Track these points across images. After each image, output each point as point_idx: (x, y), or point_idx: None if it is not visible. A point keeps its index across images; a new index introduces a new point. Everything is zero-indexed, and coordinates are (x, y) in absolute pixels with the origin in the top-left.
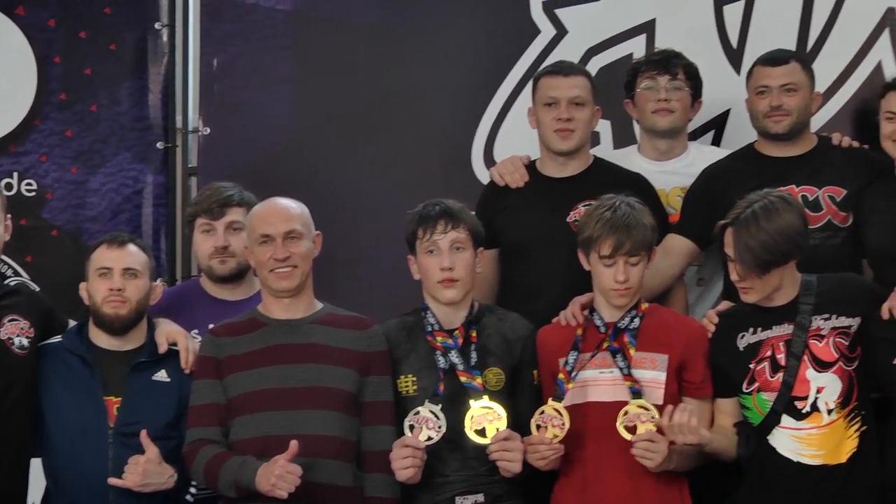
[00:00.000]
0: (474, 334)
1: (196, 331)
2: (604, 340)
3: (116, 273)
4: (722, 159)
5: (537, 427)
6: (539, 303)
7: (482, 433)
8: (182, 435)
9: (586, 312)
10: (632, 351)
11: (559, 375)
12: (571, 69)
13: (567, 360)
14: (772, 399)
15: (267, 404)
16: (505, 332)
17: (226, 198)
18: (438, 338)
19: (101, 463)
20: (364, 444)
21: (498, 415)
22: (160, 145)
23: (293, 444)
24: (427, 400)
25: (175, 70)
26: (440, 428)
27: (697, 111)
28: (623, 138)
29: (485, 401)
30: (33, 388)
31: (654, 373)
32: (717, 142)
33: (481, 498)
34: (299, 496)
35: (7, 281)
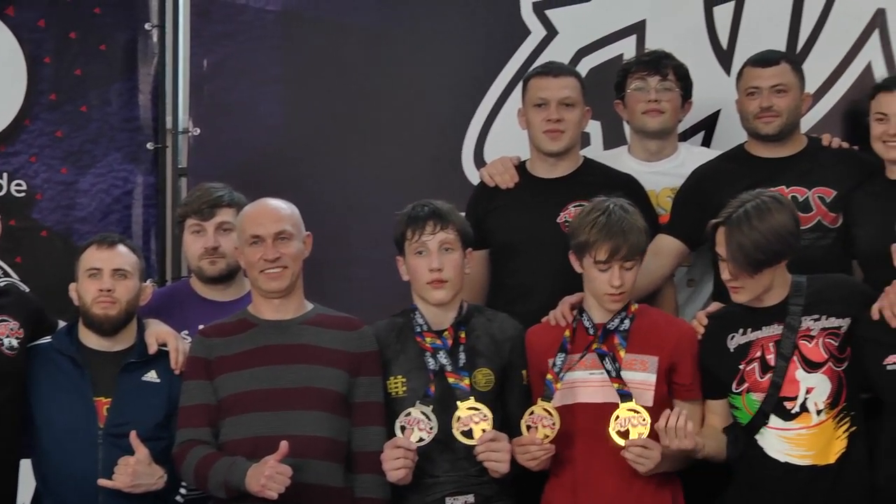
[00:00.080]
0: (463, 335)
1: (186, 331)
2: (592, 342)
3: (106, 274)
4: (712, 160)
5: (527, 427)
6: (529, 303)
7: (469, 434)
8: (172, 436)
9: (575, 313)
10: (622, 352)
11: (548, 376)
12: (561, 70)
13: (555, 362)
14: (761, 399)
15: (257, 405)
16: (494, 333)
17: (216, 198)
18: (427, 339)
19: (91, 464)
20: (354, 445)
21: (484, 415)
22: (150, 146)
23: (283, 445)
24: (418, 401)
25: (165, 71)
26: (431, 429)
27: (688, 112)
28: (613, 139)
29: (471, 402)
30: (23, 389)
31: (645, 375)
32: (707, 142)
33: (471, 498)
34: (289, 497)
35: None
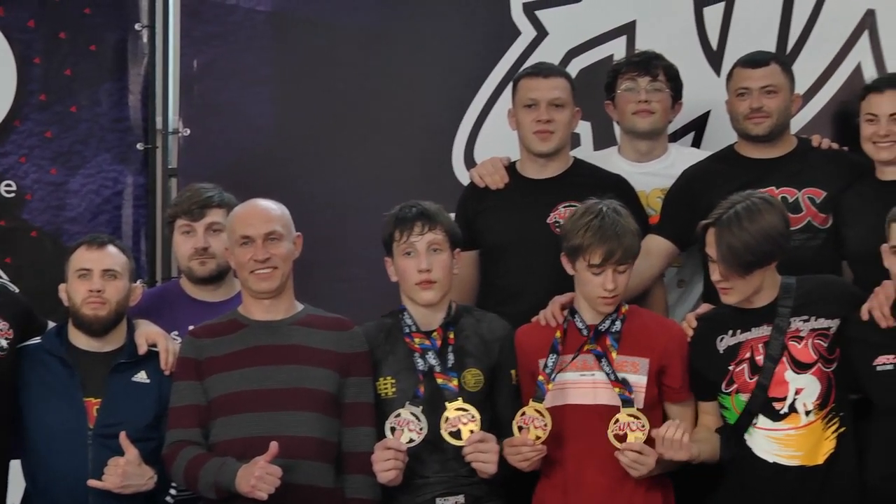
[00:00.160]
0: (452, 336)
1: (176, 332)
2: (585, 343)
3: (96, 274)
4: (702, 161)
5: (519, 428)
6: (519, 304)
7: (457, 435)
8: (162, 436)
9: (566, 313)
10: (613, 354)
11: (539, 377)
12: (551, 70)
13: (546, 363)
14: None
15: (247, 406)
16: (483, 333)
17: (206, 199)
18: (416, 339)
19: (81, 464)
20: (344, 446)
21: (472, 416)
22: (140, 146)
23: (273, 446)
24: (408, 402)
25: (155, 71)
26: (421, 430)
27: (678, 113)
28: (603, 140)
29: (459, 403)
30: (12, 390)
31: (636, 376)
32: (698, 143)
33: (462, 499)
34: (279, 498)
35: None
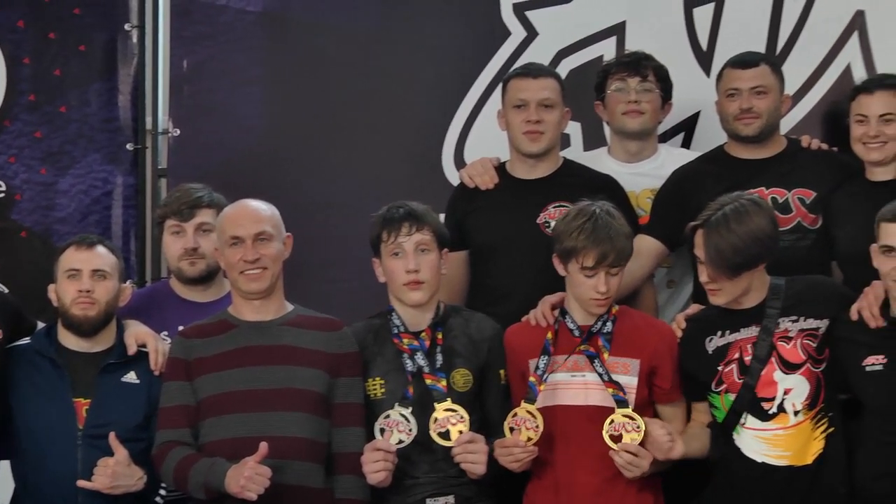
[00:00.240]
0: (440, 336)
1: (166, 332)
2: (578, 345)
3: (85, 274)
4: (692, 161)
5: (510, 429)
6: (508, 304)
7: (446, 436)
8: (151, 437)
9: (556, 313)
10: (605, 355)
11: (530, 378)
12: (540, 71)
13: (538, 364)
14: None
15: (237, 406)
16: (471, 333)
17: (195, 199)
18: (405, 340)
19: (71, 465)
20: (334, 446)
21: (461, 417)
22: (130, 147)
23: (262, 446)
24: (397, 403)
25: (145, 71)
26: (411, 431)
27: (667, 113)
28: (593, 140)
29: (448, 403)
30: (2, 391)
31: (626, 378)
32: (687, 144)
33: (452, 500)
34: (269, 498)
35: None
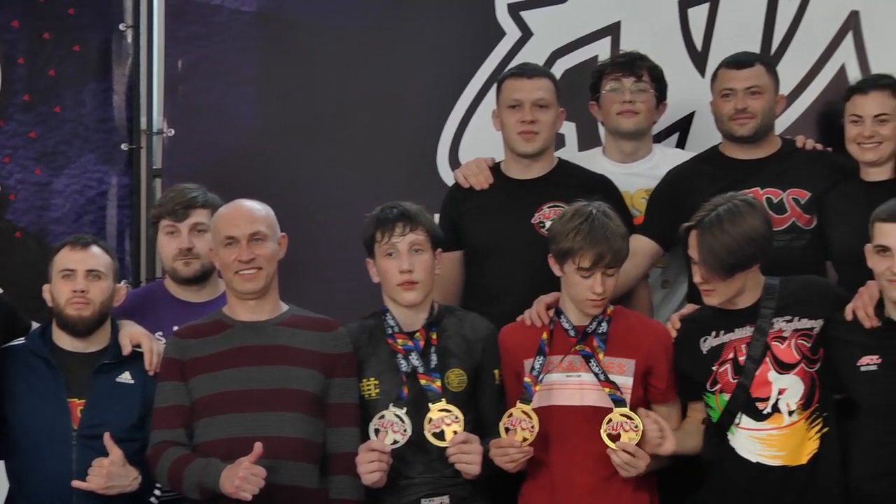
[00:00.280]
0: (434, 336)
1: (160, 332)
2: (574, 345)
3: (80, 275)
4: (686, 161)
5: (506, 430)
6: (503, 304)
7: (441, 436)
8: (146, 437)
9: (551, 313)
10: (601, 355)
11: (526, 378)
12: (535, 71)
13: (533, 364)
14: None
15: (232, 406)
16: (465, 333)
17: (190, 199)
18: (399, 340)
19: (65, 465)
20: (329, 446)
21: (456, 417)
22: (124, 147)
23: (257, 446)
24: (391, 403)
25: (139, 71)
26: (405, 431)
27: (662, 113)
28: (588, 140)
29: (442, 404)
30: None
31: (622, 378)
32: (682, 144)
33: (447, 500)
34: (264, 498)
35: None
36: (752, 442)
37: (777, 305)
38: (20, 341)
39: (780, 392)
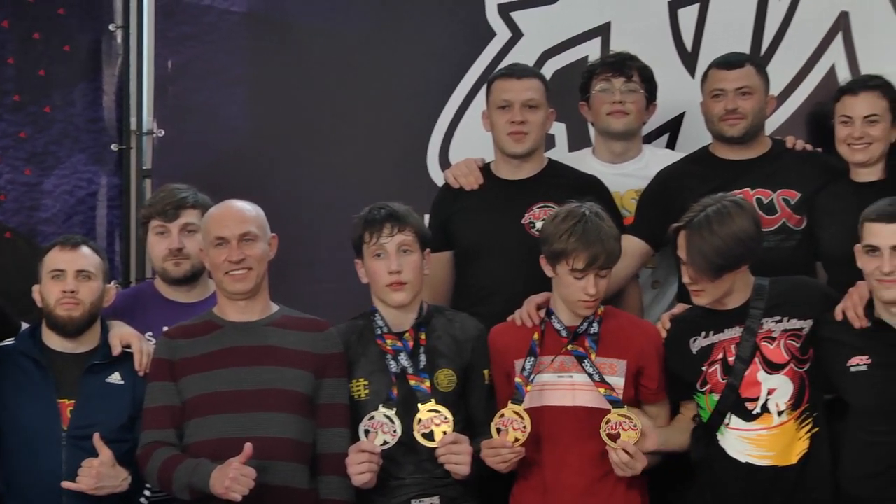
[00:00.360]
0: (424, 337)
1: (150, 333)
2: (566, 345)
3: (70, 275)
4: (677, 162)
5: (497, 430)
6: (493, 305)
7: (430, 436)
8: (136, 437)
9: (542, 314)
10: (593, 356)
11: (517, 379)
12: (525, 72)
13: (524, 365)
14: None
15: (222, 407)
16: (455, 333)
17: (180, 200)
18: (388, 341)
19: (55, 466)
20: (319, 447)
21: (445, 418)
22: (114, 147)
23: (247, 447)
24: (381, 404)
25: (129, 72)
26: (395, 432)
27: (652, 114)
28: (578, 141)
29: (432, 404)
30: None
31: (614, 378)
32: (672, 145)
33: (437, 500)
34: (254, 499)
35: None
36: (742, 442)
37: (766, 306)
38: (10, 342)
39: (770, 392)
